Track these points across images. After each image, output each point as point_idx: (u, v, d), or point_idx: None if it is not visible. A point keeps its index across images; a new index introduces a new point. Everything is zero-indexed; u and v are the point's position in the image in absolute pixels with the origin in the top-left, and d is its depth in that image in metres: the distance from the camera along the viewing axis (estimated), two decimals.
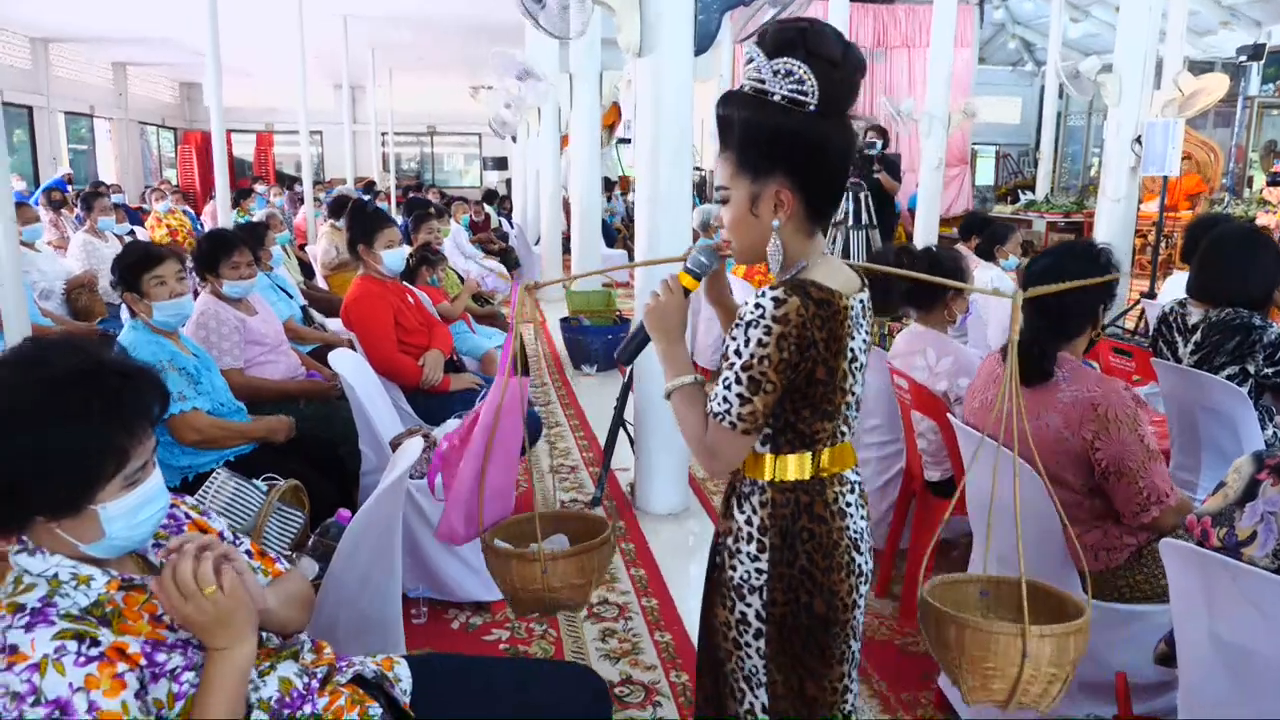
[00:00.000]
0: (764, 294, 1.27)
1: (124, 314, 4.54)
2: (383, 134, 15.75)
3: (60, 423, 1.12)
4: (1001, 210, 12.22)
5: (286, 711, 1.28)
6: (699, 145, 11.63)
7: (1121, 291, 6.33)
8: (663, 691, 2.50)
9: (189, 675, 1.18)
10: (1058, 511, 1.53)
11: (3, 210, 3.10)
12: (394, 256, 3.55)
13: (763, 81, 1.27)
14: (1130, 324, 6.04)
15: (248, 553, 1.44)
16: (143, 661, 1.14)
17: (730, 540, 1.40)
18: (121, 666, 1.10)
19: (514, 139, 13.64)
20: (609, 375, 6.14)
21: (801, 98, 1.25)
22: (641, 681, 2.53)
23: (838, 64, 1.26)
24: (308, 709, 1.31)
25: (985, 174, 16.84)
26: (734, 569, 1.38)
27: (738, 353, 1.28)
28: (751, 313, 1.27)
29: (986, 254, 4.78)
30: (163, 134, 19.63)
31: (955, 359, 2.67)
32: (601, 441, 4.34)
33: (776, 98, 1.26)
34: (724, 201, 1.36)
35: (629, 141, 6.89)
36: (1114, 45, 6.45)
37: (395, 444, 2.82)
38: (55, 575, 1.15)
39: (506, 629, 2.82)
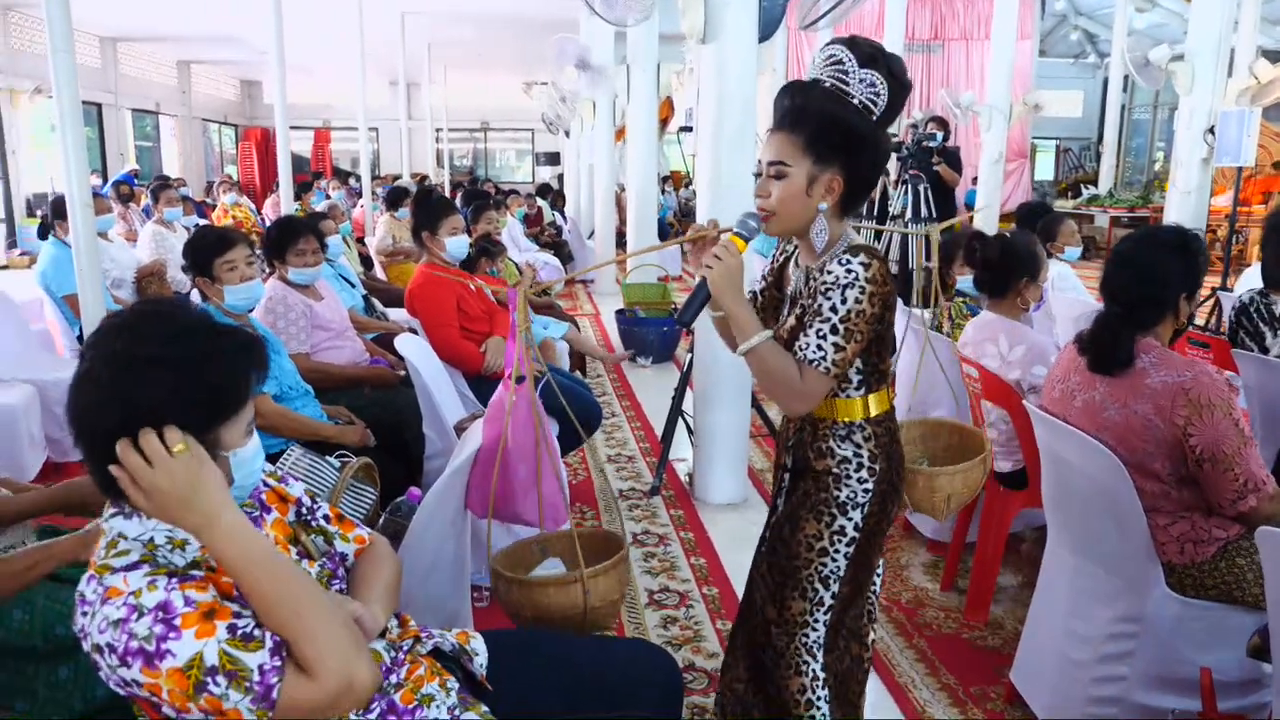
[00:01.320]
0: (849, 260, 1.49)
1: (194, 299, 4.67)
2: (437, 130, 15.95)
3: (199, 366, 1.14)
4: (1063, 205, 11.96)
5: None
6: (761, 133, 11.56)
7: None
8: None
9: None
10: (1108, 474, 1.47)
11: (81, 204, 3.19)
12: (457, 244, 3.58)
13: (847, 84, 1.48)
14: (1202, 319, 5.86)
15: (325, 517, 1.45)
16: (236, 592, 1.15)
17: (836, 469, 1.62)
18: (210, 585, 1.12)
19: (567, 134, 13.69)
20: (664, 367, 6.14)
21: (873, 106, 1.49)
22: (704, 669, 2.52)
23: (905, 87, 1.51)
24: (393, 679, 1.32)
25: (1045, 169, 16.51)
26: (839, 490, 1.62)
27: (834, 309, 1.48)
28: (845, 276, 1.48)
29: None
30: (224, 130, 20.09)
31: (1029, 347, 2.61)
32: (657, 432, 4.33)
33: (855, 100, 1.48)
34: (778, 177, 1.52)
35: (690, 129, 6.86)
36: (1181, 37, 6.27)
37: (459, 428, 2.84)
38: (151, 539, 1.16)
39: None
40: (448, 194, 12.45)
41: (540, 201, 12.28)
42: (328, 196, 9.75)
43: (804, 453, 1.66)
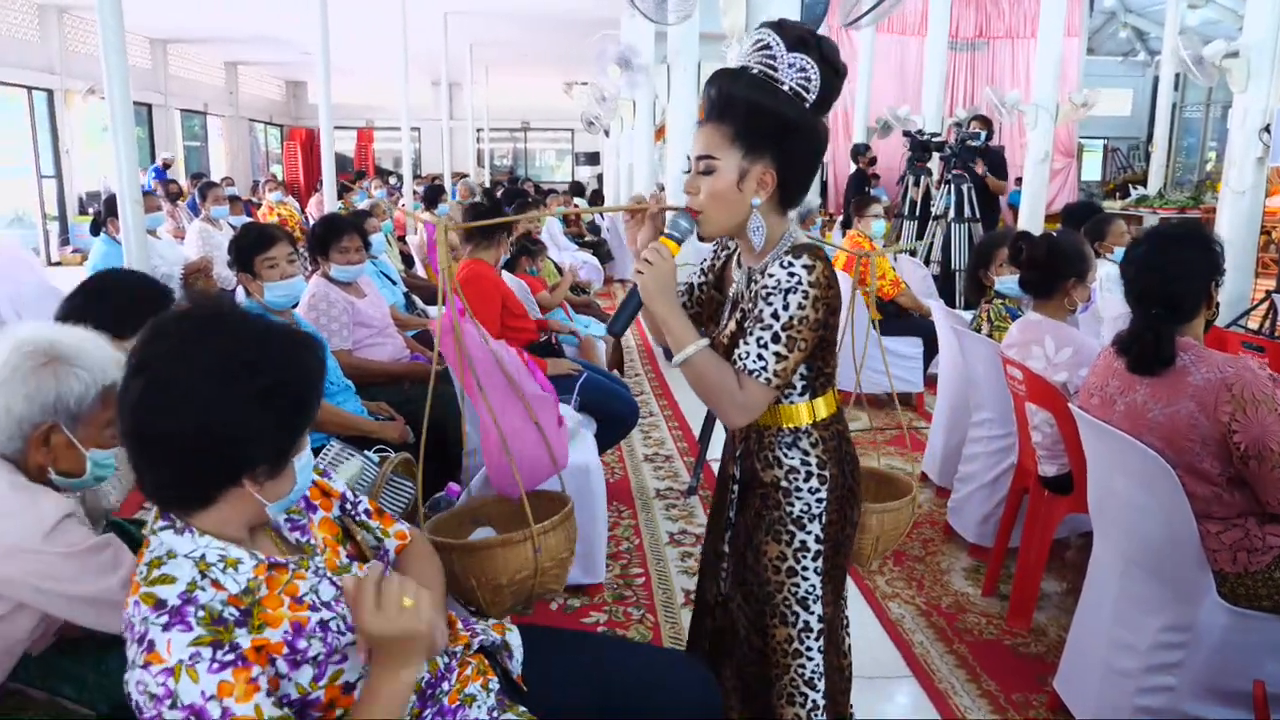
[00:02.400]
0: (791, 263, 1.41)
1: (240, 295, 4.76)
2: (478, 130, 16.05)
3: (294, 365, 1.14)
4: (1110, 206, 11.72)
5: (429, 690, 1.29)
6: None
7: (1244, 289, 5.98)
8: None
9: (333, 660, 1.18)
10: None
11: (132, 201, 3.26)
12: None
13: (775, 69, 1.38)
14: (1255, 324, 5.71)
15: (366, 511, 1.45)
16: (285, 650, 1.13)
17: (784, 482, 1.54)
18: (255, 670, 1.09)
19: (606, 133, 13.72)
20: None
21: (804, 93, 1.39)
22: None
23: (839, 73, 1.42)
24: (445, 685, 1.32)
25: (1091, 169, 16.22)
26: (792, 505, 1.54)
27: (775, 315, 1.40)
28: (788, 280, 1.40)
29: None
30: (269, 130, 20.41)
31: (1076, 349, 2.55)
32: (695, 432, 4.31)
33: (785, 87, 1.38)
34: (707, 172, 1.44)
35: None
36: (1234, 34, 6.10)
37: None
38: (203, 556, 1.13)
39: (604, 613, 2.82)
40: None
41: (579, 201, 12.32)
42: (369, 195, 9.87)
43: (751, 463, 1.58)
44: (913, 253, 7.25)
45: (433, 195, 7.37)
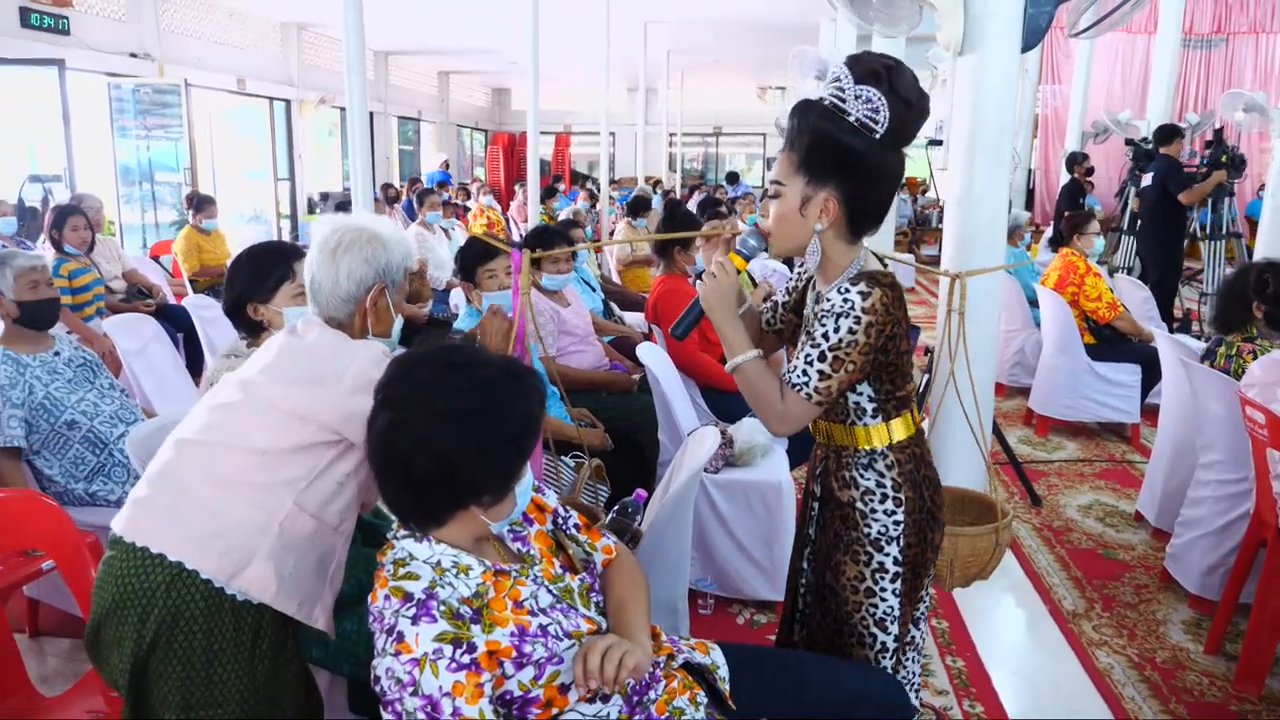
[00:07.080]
0: (848, 289, 1.46)
1: (453, 299, 5.09)
2: (670, 134, 16.30)
3: (502, 420, 1.27)
4: None
5: (635, 698, 1.36)
6: (1018, 145, 10.95)
7: None
8: (953, 718, 2.40)
9: (552, 662, 1.28)
10: None
11: (365, 204, 3.57)
12: (700, 258, 3.68)
13: (843, 101, 1.43)
14: None
15: (576, 526, 1.54)
16: (514, 654, 1.25)
17: (860, 503, 1.58)
18: (485, 675, 1.20)
19: None
20: None
21: (872, 124, 1.42)
22: (932, 705, 2.44)
23: (911, 105, 1.44)
24: (652, 694, 1.39)
25: None
26: (869, 526, 1.57)
27: (825, 336, 1.46)
28: (841, 305, 1.45)
29: None
30: (475, 135, 21.56)
31: None
32: None
33: (851, 118, 1.42)
34: (775, 196, 1.52)
35: (939, 143, 6.60)
36: None
37: None
38: (439, 562, 1.28)
39: None
40: (679, 197, 12.74)
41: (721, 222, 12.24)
42: (574, 201, 10.22)
43: (829, 481, 1.64)
44: (1130, 270, 6.76)
45: (637, 207, 7.50)
